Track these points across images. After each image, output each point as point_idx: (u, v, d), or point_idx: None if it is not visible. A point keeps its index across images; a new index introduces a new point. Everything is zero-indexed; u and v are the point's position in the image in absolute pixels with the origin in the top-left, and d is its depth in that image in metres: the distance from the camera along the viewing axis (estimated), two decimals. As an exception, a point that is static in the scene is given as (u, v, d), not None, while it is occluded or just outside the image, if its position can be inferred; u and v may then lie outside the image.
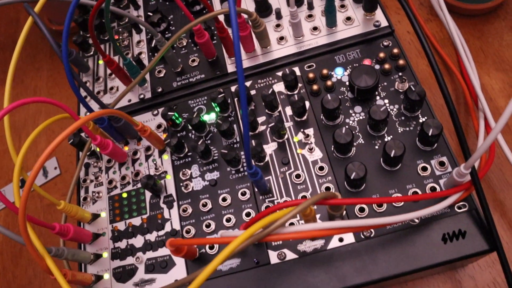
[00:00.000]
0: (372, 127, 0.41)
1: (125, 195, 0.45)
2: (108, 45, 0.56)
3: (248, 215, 0.41)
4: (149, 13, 0.54)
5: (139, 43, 0.55)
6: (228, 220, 0.41)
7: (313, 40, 0.48)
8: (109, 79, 0.53)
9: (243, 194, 0.42)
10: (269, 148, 0.44)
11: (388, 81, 0.44)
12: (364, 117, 0.43)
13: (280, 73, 0.47)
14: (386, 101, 0.43)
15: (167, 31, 0.54)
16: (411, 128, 0.41)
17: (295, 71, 0.46)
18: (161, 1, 0.57)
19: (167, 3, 0.57)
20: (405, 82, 0.43)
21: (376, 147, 0.41)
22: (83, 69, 0.54)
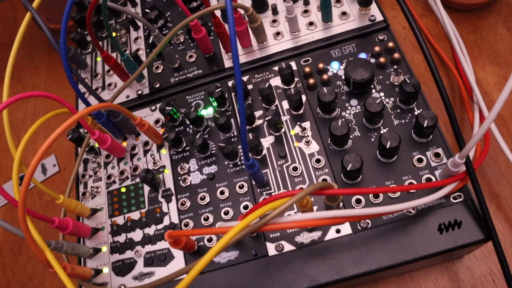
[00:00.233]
0: (368, 119, 0.42)
1: (124, 189, 0.46)
2: (106, 42, 0.57)
3: (246, 207, 0.41)
4: (146, 10, 0.55)
5: (136, 39, 0.55)
6: (226, 213, 0.41)
7: (309, 35, 0.49)
8: (107, 75, 0.53)
9: (241, 187, 0.42)
10: (266, 141, 0.44)
11: (383, 74, 0.44)
12: (360, 110, 0.43)
13: (276, 68, 0.47)
14: (382, 94, 0.44)
15: (164, 27, 0.55)
16: (407, 121, 0.42)
17: (292, 65, 0.46)
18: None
19: (164, 0, 0.57)
20: (400, 75, 0.44)
21: (372, 139, 0.42)
22: (81, 66, 0.54)
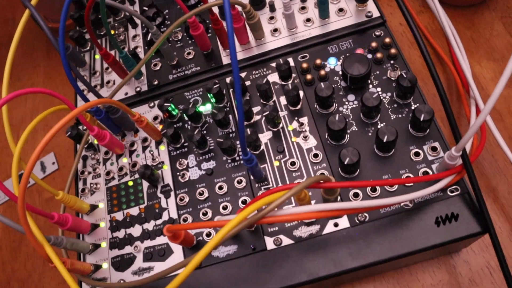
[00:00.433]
0: (365, 114, 0.42)
1: (122, 186, 0.46)
2: (104, 40, 0.57)
3: (244, 202, 0.42)
4: (145, 8, 0.55)
5: (135, 37, 0.55)
6: (225, 208, 0.42)
7: (306, 31, 0.49)
8: (106, 73, 0.54)
9: (239, 182, 0.43)
10: (264, 137, 0.44)
11: (380, 69, 0.45)
12: (357, 105, 0.44)
13: (274, 64, 0.48)
14: (379, 89, 0.44)
15: (162, 25, 0.55)
16: (404, 115, 0.42)
17: (289, 61, 0.47)
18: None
19: (162, -3, 0.57)
20: (397, 70, 0.44)
21: (370, 134, 0.42)
22: (80, 64, 0.55)
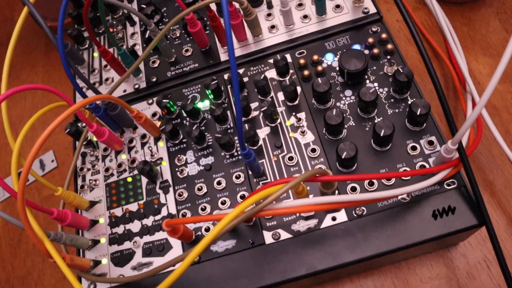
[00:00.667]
0: (362, 109, 0.42)
1: (121, 182, 0.46)
2: (102, 38, 0.57)
3: (242, 197, 0.42)
4: (143, 6, 0.55)
5: (133, 35, 0.56)
6: (223, 203, 0.42)
7: (303, 28, 0.49)
8: (104, 70, 0.54)
9: (238, 177, 0.43)
10: (262, 132, 0.44)
11: (377, 65, 0.45)
12: (354, 100, 0.44)
13: (271, 61, 0.48)
14: (376, 84, 0.44)
15: (160, 22, 0.55)
16: (400, 110, 0.42)
17: (287, 57, 0.47)
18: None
19: (160, -5, 0.58)
20: (393, 65, 0.44)
21: (367, 128, 0.42)
22: (79, 62, 0.55)
